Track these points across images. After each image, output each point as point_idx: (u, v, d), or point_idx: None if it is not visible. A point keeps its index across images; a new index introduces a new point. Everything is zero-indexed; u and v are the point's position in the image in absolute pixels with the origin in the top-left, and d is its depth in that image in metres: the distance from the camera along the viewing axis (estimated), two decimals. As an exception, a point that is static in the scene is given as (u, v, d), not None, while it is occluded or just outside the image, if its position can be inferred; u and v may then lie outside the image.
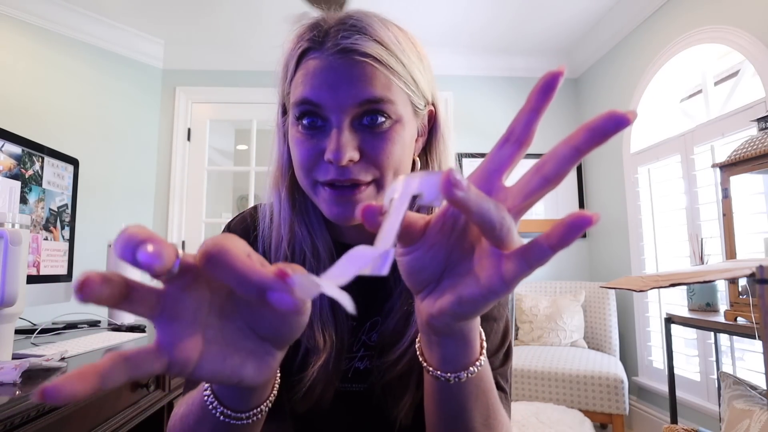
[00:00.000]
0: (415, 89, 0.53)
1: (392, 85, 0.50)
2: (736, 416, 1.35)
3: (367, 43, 0.49)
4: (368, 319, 0.59)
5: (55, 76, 2.62)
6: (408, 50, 0.52)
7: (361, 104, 0.48)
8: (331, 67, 0.48)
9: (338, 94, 0.48)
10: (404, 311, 0.56)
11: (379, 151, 0.50)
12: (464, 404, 0.39)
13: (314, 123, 0.50)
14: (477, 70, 3.30)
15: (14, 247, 0.83)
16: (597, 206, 3.10)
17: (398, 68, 0.50)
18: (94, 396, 0.90)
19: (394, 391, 0.55)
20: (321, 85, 0.49)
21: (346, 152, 0.48)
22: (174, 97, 3.12)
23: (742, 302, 1.54)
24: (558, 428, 1.86)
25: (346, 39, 0.48)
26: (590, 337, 2.74)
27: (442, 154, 0.59)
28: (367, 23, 0.50)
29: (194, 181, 3.11)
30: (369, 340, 0.58)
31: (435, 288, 0.33)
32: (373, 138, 0.50)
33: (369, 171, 0.50)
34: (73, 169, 1.43)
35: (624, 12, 2.68)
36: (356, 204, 0.50)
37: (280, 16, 2.74)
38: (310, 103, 0.49)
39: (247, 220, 0.63)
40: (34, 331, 1.25)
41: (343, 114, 0.49)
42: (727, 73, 2.21)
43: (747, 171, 1.55)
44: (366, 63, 0.48)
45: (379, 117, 0.49)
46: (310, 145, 0.51)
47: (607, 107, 2.99)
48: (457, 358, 0.37)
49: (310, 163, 0.51)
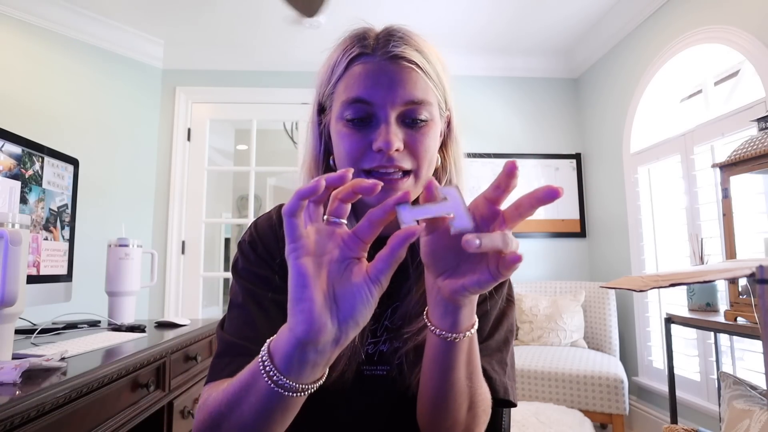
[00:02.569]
0: (442, 95, 0.62)
1: (429, 89, 0.58)
2: (736, 416, 1.35)
3: (413, 52, 0.57)
4: (390, 304, 0.65)
5: (55, 76, 2.62)
6: (439, 62, 0.61)
7: (407, 104, 0.57)
8: (382, 70, 0.57)
9: (389, 93, 0.56)
10: (422, 291, 0.62)
11: (418, 145, 0.58)
12: (456, 360, 0.50)
13: (362, 119, 0.58)
14: (476, 70, 3.30)
15: (14, 247, 0.83)
16: (597, 206, 3.10)
17: (434, 75, 0.59)
18: (94, 396, 0.90)
19: (410, 359, 0.61)
20: (374, 85, 0.56)
21: (395, 142, 0.55)
22: (174, 97, 3.12)
23: (742, 302, 1.54)
24: (558, 428, 1.86)
25: (397, 47, 0.57)
26: (590, 337, 2.74)
27: (456, 154, 0.69)
28: (411, 36, 0.59)
29: (194, 181, 3.11)
30: (391, 324, 0.64)
31: (455, 271, 0.43)
32: (414, 133, 0.58)
33: (410, 161, 0.58)
34: (73, 169, 1.43)
35: (624, 12, 2.68)
36: (396, 192, 0.57)
37: (280, 16, 2.75)
38: (362, 101, 0.57)
39: (273, 218, 0.69)
40: (34, 331, 1.25)
41: (392, 110, 0.57)
42: (727, 73, 2.21)
43: (747, 171, 1.55)
44: (412, 69, 0.57)
45: (419, 115, 0.58)
46: (358, 137, 0.58)
47: (607, 107, 3.00)
48: (463, 322, 0.47)
49: (358, 153, 0.58)
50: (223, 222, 4.99)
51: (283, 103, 3.18)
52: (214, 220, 3.86)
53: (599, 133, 3.07)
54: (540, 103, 3.32)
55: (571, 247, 3.20)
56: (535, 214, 0.39)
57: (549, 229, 3.18)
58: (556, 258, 3.18)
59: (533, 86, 3.34)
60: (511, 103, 3.31)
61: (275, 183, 4.84)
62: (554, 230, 3.19)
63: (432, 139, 0.59)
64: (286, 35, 2.98)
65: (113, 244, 1.54)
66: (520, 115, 3.30)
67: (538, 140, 3.28)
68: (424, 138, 0.58)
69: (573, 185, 3.24)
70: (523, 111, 3.31)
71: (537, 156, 3.23)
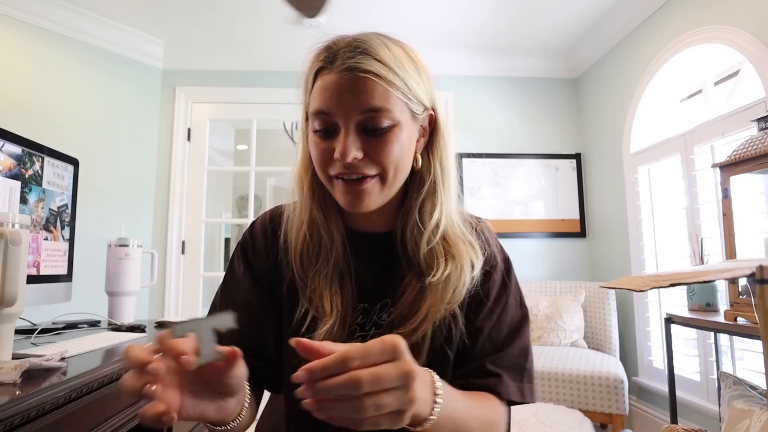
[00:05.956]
0: (412, 97, 0.62)
1: (390, 95, 0.59)
2: (736, 416, 1.35)
3: (369, 61, 0.59)
4: (380, 300, 0.68)
5: (55, 76, 2.62)
6: (406, 65, 0.62)
7: (363, 112, 0.59)
8: (339, 83, 0.59)
9: (345, 104, 0.59)
10: (417, 289, 0.65)
11: (379, 151, 0.60)
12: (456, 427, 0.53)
13: (327, 128, 0.61)
14: (477, 70, 3.30)
15: (14, 247, 0.83)
16: (597, 206, 3.10)
17: (395, 80, 0.60)
18: (94, 396, 0.90)
19: None
20: (332, 98, 0.59)
21: (350, 152, 0.59)
22: (174, 97, 3.12)
23: (742, 302, 1.54)
24: (558, 428, 1.86)
25: (352, 58, 0.59)
26: (590, 337, 2.74)
27: (443, 152, 0.69)
28: (370, 45, 0.60)
29: (194, 181, 3.11)
30: (380, 320, 0.68)
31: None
32: (375, 140, 0.60)
33: (373, 166, 0.61)
34: (73, 169, 1.43)
35: (624, 12, 2.68)
36: (363, 193, 0.62)
37: (280, 16, 2.74)
38: (323, 112, 0.60)
39: (266, 219, 0.76)
40: (34, 331, 1.25)
41: (349, 120, 0.59)
42: (727, 73, 2.21)
43: (747, 171, 1.55)
44: (367, 78, 0.58)
45: (378, 123, 0.59)
46: (324, 146, 0.62)
47: (608, 107, 3.00)
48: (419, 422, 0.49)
49: (325, 161, 0.62)
50: (223, 222, 4.99)
51: (283, 103, 3.17)
52: (214, 220, 3.86)
53: (599, 133, 3.07)
54: (540, 103, 3.32)
55: (571, 247, 3.20)
56: (535, 214, 0.39)
57: (549, 229, 3.18)
58: (556, 258, 3.18)
59: (533, 86, 3.34)
60: (511, 103, 3.31)
61: (275, 183, 4.84)
62: (554, 230, 3.18)
63: (396, 144, 0.61)
64: (286, 35, 2.98)
65: (113, 244, 1.54)
66: (520, 115, 3.30)
67: (538, 140, 3.27)
68: (385, 144, 0.60)
69: (573, 185, 3.24)
70: (523, 111, 3.30)
71: (537, 156, 3.23)
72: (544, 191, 3.22)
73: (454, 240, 0.68)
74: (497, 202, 3.17)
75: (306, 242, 0.68)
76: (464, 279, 0.66)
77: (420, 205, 0.67)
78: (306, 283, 0.67)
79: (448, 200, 0.68)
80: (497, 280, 0.71)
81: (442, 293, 0.64)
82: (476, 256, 0.68)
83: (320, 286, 0.66)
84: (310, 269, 0.68)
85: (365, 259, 0.70)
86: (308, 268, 0.68)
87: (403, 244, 0.68)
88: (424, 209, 0.67)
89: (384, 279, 0.69)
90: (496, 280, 0.71)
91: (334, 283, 0.67)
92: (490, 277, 0.70)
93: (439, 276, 0.64)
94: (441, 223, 0.67)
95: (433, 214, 0.66)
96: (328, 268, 0.67)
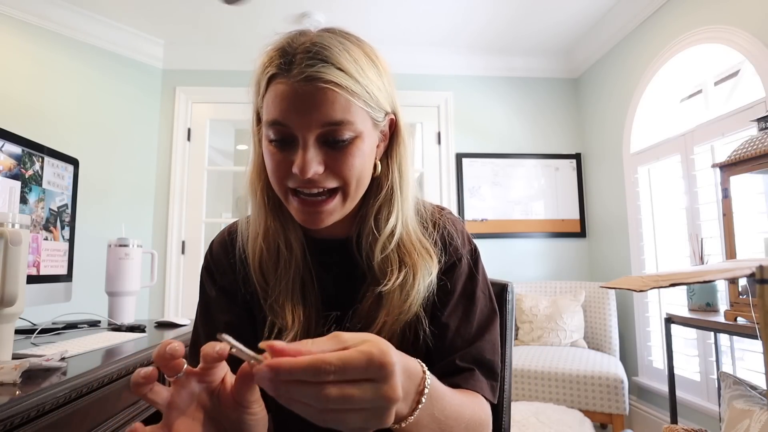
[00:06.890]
0: (374, 104, 0.59)
1: (352, 106, 0.56)
2: (736, 416, 1.35)
3: (329, 70, 0.54)
4: (344, 308, 0.66)
5: (55, 76, 2.62)
6: (367, 69, 0.58)
7: (324, 125, 0.55)
8: (297, 93, 0.55)
9: (304, 117, 0.55)
10: (375, 295, 0.63)
11: (341, 165, 0.58)
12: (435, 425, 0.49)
13: (284, 139, 0.57)
14: (477, 70, 3.30)
15: (14, 247, 0.83)
16: (597, 206, 3.10)
17: (357, 89, 0.56)
18: (94, 396, 0.90)
19: None
20: (289, 109, 0.55)
21: (311, 167, 0.56)
22: (174, 97, 3.12)
23: (742, 302, 1.54)
24: (558, 428, 1.86)
25: (311, 67, 0.54)
26: (590, 337, 2.74)
27: (402, 157, 0.67)
28: (330, 51, 0.56)
29: (194, 181, 3.11)
30: (352, 327, 0.64)
31: None
32: (335, 153, 0.57)
33: (334, 180, 0.58)
34: (73, 169, 1.43)
35: (624, 12, 2.68)
36: (322, 213, 0.59)
37: (280, 16, 2.74)
38: (280, 124, 0.56)
39: (224, 234, 0.74)
40: (34, 331, 1.25)
41: (309, 134, 0.56)
42: (727, 73, 2.21)
43: (747, 171, 1.55)
44: (328, 89, 0.54)
45: (340, 136, 0.56)
46: (281, 157, 0.58)
47: (608, 107, 3.00)
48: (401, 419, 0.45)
49: (282, 173, 0.59)
50: (223, 222, 4.98)
51: (283, 103, 3.17)
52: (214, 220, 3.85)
53: (599, 133, 3.07)
54: (540, 103, 3.32)
55: (571, 247, 3.20)
56: (535, 214, 0.38)
57: (549, 229, 3.18)
58: (556, 258, 3.18)
59: (533, 86, 3.34)
60: (511, 103, 3.31)
61: (275, 183, 4.83)
62: (554, 230, 3.19)
63: (358, 157, 0.58)
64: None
65: (113, 244, 1.54)
66: (520, 115, 3.30)
67: (538, 140, 3.27)
68: (348, 158, 0.57)
69: (573, 185, 3.24)
70: (523, 111, 3.31)
71: (537, 156, 3.23)
72: (544, 191, 3.22)
73: (409, 248, 0.65)
74: (497, 202, 3.17)
75: (263, 252, 0.66)
76: (418, 287, 0.63)
77: (376, 212, 0.65)
78: (268, 294, 0.65)
79: (405, 206, 0.66)
80: (462, 273, 0.69)
81: (397, 302, 0.62)
82: (432, 264, 0.65)
83: (281, 296, 0.64)
84: (270, 279, 0.65)
85: (326, 266, 0.68)
86: (269, 278, 0.66)
87: (359, 250, 0.66)
88: (380, 216, 0.65)
89: (346, 286, 0.67)
90: (461, 272, 0.68)
91: (295, 293, 0.64)
92: (455, 270, 0.68)
93: (391, 285, 0.62)
94: (396, 231, 0.65)
95: (389, 220, 0.64)
96: (289, 277, 0.65)
